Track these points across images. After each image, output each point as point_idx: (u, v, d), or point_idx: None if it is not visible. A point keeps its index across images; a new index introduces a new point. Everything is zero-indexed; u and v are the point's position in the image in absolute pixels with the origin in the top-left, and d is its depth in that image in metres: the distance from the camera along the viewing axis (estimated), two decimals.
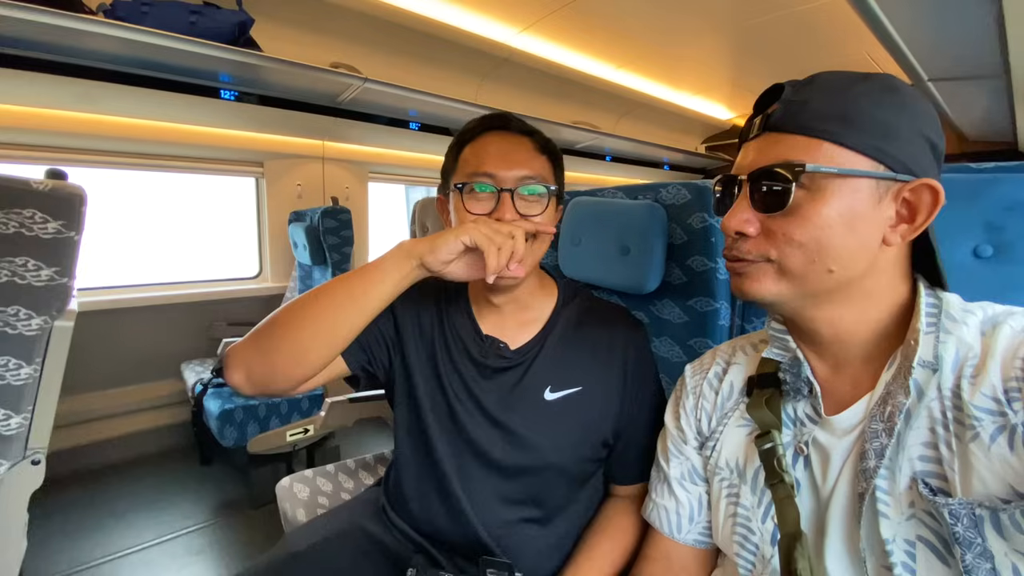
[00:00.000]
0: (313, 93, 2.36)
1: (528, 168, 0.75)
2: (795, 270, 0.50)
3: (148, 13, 1.75)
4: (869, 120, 0.48)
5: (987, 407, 0.44)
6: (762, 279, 0.52)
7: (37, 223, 0.70)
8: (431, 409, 0.81)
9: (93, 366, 2.33)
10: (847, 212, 0.48)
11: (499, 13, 2.42)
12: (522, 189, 0.74)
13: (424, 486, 0.81)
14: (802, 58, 3.03)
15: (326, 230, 2.28)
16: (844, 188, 0.48)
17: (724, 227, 0.53)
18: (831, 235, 0.48)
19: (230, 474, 2.30)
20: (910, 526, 0.46)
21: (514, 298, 0.82)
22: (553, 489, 0.79)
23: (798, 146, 0.49)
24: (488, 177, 0.74)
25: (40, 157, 2.10)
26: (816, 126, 0.48)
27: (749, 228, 0.51)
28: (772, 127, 0.51)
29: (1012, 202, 0.63)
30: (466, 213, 0.75)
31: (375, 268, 0.71)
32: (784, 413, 0.58)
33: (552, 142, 0.82)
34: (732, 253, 0.54)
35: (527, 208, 0.75)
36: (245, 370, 0.70)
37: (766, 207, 0.50)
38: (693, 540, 0.68)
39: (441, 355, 0.82)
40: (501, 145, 0.76)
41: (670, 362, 1.02)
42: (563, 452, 0.78)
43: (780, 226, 0.50)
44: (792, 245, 0.49)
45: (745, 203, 0.52)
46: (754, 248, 0.52)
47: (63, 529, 1.89)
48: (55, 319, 0.75)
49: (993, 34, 1.65)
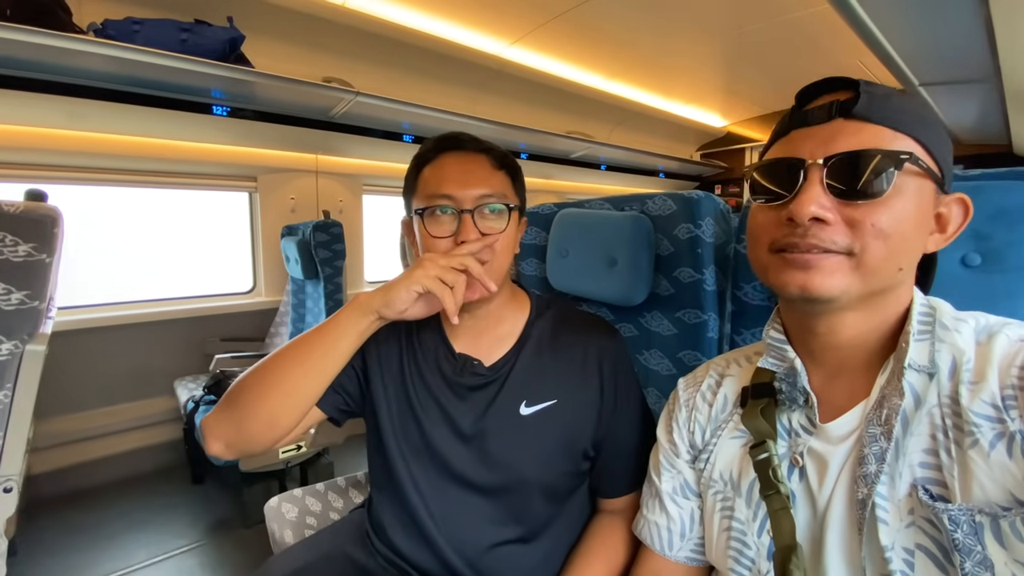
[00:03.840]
0: (306, 107, 2.36)
1: (486, 186, 0.74)
2: (872, 264, 0.47)
3: (139, 31, 1.77)
4: (936, 128, 0.49)
5: (986, 414, 0.44)
6: (835, 273, 0.48)
7: (7, 246, 0.69)
8: (402, 433, 0.79)
9: (85, 384, 2.31)
10: (920, 209, 0.48)
11: (489, 26, 2.44)
12: (484, 208, 0.74)
13: (399, 512, 0.79)
14: (794, 65, 3.04)
15: (318, 244, 2.27)
16: (920, 187, 0.48)
17: (797, 213, 0.48)
18: (910, 230, 0.48)
19: (222, 493, 2.27)
20: (909, 534, 0.46)
21: (486, 313, 0.81)
22: (534, 505, 0.77)
23: (886, 137, 0.47)
24: (447, 199, 0.73)
25: (32, 176, 2.10)
26: (904, 121, 0.48)
27: (828, 214, 0.47)
28: (853, 114, 0.48)
29: (997, 210, 0.62)
30: (429, 238, 0.75)
31: (333, 327, 0.72)
32: (779, 423, 0.57)
33: (510, 156, 0.81)
34: (808, 243, 0.48)
35: (488, 226, 0.74)
36: (223, 440, 0.71)
37: (853, 194, 0.47)
38: (684, 557, 0.67)
39: (411, 378, 0.81)
40: (458, 166, 0.76)
41: (660, 375, 1.00)
42: (541, 467, 0.76)
43: (867, 215, 0.46)
44: (879, 237, 0.46)
45: (819, 188, 0.48)
46: (838, 237, 0.47)
47: (52, 550, 1.86)
48: (26, 343, 0.73)
49: (982, 37, 1.65)
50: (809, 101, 0.53)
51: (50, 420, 2.20)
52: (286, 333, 2.63)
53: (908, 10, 1.53)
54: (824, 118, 0.50)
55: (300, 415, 0.73)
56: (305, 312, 2.55)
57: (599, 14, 2.35)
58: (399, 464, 0.79)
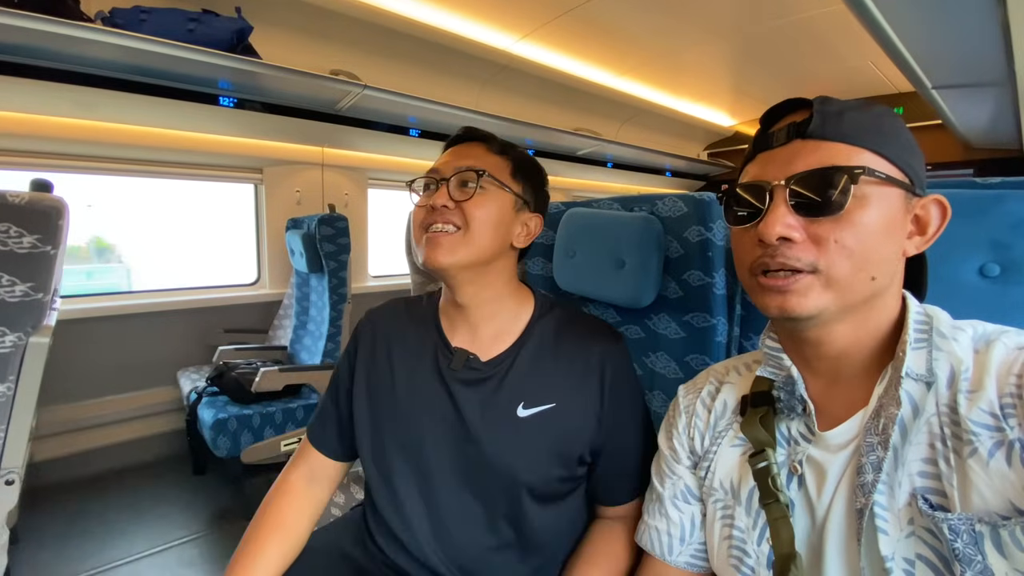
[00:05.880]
0: (312, 100, 2.35)
1: (471, 161, 0.77)
2: (842, 279, 0.48)
3: (146, 20, 1.76)
4: (896, 136, 0.50)
5: (985, 422, 0.44)
6: (808, 293, 0.49)
7: (12, 237, 0.68)
8: (392, 429, 0.80)
9: (89, 373, 2.32)
10: (887, 218, 0.49)
11: (498, 20, 2.42)
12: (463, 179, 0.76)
13: (392, 514, 0.79)
14: (805, 66, 3.01)
15: (322, 238, 2.27)
16: (884, 196, 0.49)
17: (765, 234, 0.49)
18: (876, 241, 0.48)
19: (224, 484, 2.28)
20: (909, 544, 0.46)
21: (479, 303, 0.79)
22: (526, 509, 0.76)
23: (841, 153, 0.49)
24: (434, 172, 0.78)
25: (38, 164, 2.10)
26: (858, 135, 0.49)
27: (795, 233, 0.49)
28: (808, 135, 0.50)
29: (1018, 219, 0.60)
30: (416, 209, 0.79)
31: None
32: (778, 432, 0.58)
33: (516, 148, 0.83)
34: (778, 262, 0.50)
35: (461, 194, 0.75)
36: None
37: (815, 211, 0.48)
38: (684, 563, 0.67)
39: (401, 375, 0.81)
40: (456, 150, 0.81)
41: (666, 378, 0.99)
42: (535, 471, 0.75)
43: (830, 231, 0.48)
44: (842, 252, 0.48)
45: (784, 208, 0.49)
46: (803, 255, 0.49)
47: (54, 537, 1.88)
48: (30, 335, 0.72)
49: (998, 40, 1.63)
50: (772, 123, 0.55)
51: (53, 408, 2.20)
52: (289, 326, 2.63)
53: (923, 11, 1.50)
54: (783, 140, 0.52)
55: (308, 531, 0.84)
56: (309, 305, 2.55)
57: (609, 10, 2.32)
58: (392, 464, 0.79)
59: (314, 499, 0.86)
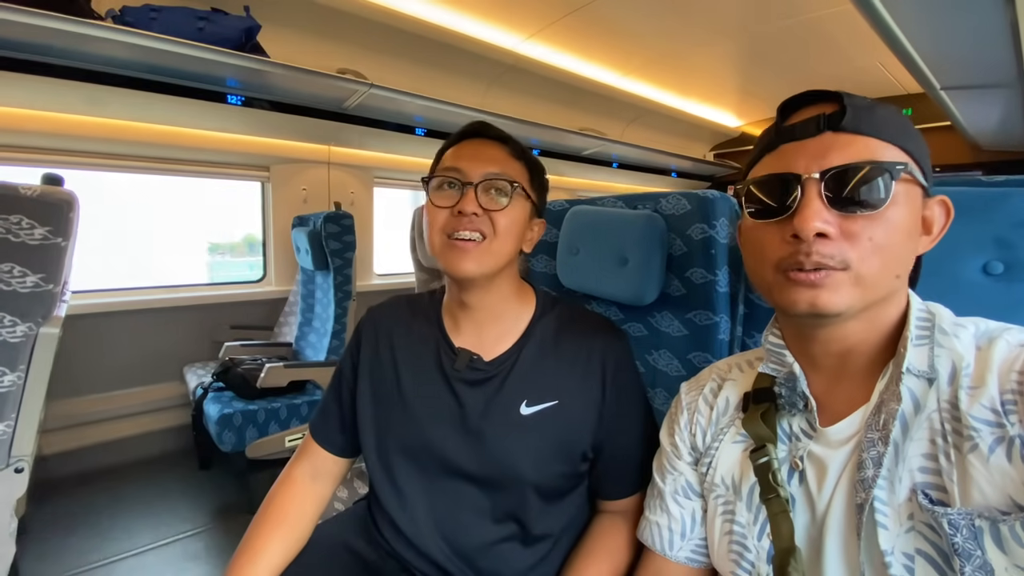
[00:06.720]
0: (319, 98, 2.37)
1: (497, 166, 0.74)
2: (869, 277, 0.47)
3: (156, 19, 1.78)
4: (917, 136, 0.50)
5: (986, 419, 0.44)
6: (839, 289, 0.48)
7: (24, 229, 0.70)
8: (396, 427, 0.80)
9: (96, 368, 2.35)
10: (913, 217, 0.49)
11: (505, 20, 2.42)
12: (491, 186, 0.74)
13: (396, 508, 0.79)
14: (812, 66, 3.00)
15: (328, 235, 2.28)
16: (912, 195, 0.49)
17: (801, 229, 0.47)
18: (902, 239, 0.48)
19: (229, 479, 2.30)
20: (909, 539, 0.46)
21: (486, 305, 0.79)
22: (530, 505, 0.77)
23: (875, 148, 0.48)
24: (455, 171, 0.74)
25: (48, 160, 2.12)
26: (890, 131, 0.49)
27: (831, 228, 0.47)
28: (841, 127, 0.49)
29: (1022, 218, 0.60)
30: (432, 208, 0.75)
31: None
32: (779, 428, 0.58)
33: (529, 151, 0.81)
34: (813, 260, 0.47)
35: (490, 202, 0.73)
36: None
37: (852, 206, 0.47)
38: (685, 558, 0.67)
39: (406, 374, 0.81)
40: (474, 147, 0.77)
41: (668, 376, 0.99)
42: (539, 468, 0.76)
43: (864, 228, 0.47)
44: (874, 250, 0.47)
45: (819, 203, 0.47)
46: (837, 252, 0.47)
47: (61, 530, 1.89)
48: (40, 326, 0.73)
49: (1007, 41, 1.62)
50: (791, 114, 0.53)
51: (62, 402, 2.23)
52: (295, 323, 2.65)
53: (932, 12, 1.50)
54: (813, 131, 0.50)
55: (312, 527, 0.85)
56: (314, 303, 2.56)
57: (616, 10, 2.32)
58: (396, 462, 0.79)
59: (317, 494, 0.86)
